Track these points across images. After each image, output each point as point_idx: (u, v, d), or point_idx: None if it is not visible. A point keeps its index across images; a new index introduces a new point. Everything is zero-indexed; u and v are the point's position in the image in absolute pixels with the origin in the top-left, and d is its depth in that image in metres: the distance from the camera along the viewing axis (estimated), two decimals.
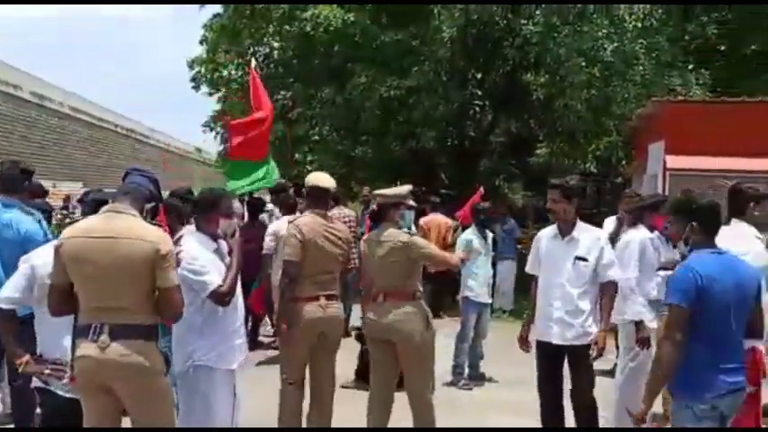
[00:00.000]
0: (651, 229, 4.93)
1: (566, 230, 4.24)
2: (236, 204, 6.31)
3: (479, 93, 12.89)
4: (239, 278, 3.66)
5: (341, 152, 13.59)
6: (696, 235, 3.14)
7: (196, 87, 17.39)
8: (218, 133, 17.20)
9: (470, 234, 6.56)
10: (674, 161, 8.19)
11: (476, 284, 6.49)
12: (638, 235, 4.74)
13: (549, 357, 4.24)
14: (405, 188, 4.60)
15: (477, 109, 13.22)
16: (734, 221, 4.00)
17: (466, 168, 13.64)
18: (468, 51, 12.32)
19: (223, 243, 3.74)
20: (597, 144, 14.24)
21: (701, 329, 2.96)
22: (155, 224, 3.45)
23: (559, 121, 12.72)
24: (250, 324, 7.25)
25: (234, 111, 15.78)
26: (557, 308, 4.17)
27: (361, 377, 5.67)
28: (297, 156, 12.92)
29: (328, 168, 12.86)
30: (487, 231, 6.80)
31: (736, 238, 3.87)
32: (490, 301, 6.78)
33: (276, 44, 14.21)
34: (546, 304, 4.25)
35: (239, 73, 15.58)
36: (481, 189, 7.67)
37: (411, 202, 4.72)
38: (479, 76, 13.28)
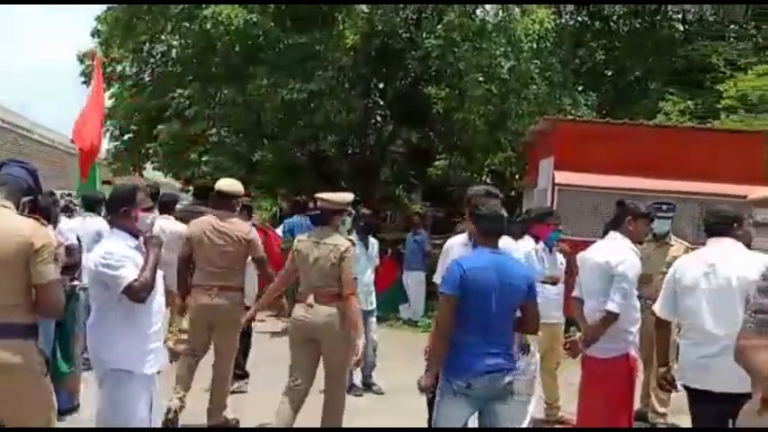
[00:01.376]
0: (536, 239, 5.15)
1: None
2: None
3: (381, 102, 13.04)
4: (161, 277, 3.51)
5: (239, 154, 13.34)
6: (477, 237, 3.60)
7: (86, 82, 16.60)
8: (107, 130, 16.47)
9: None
10: (562, 177, 8.55)
11: None
12: (524, 245, 4.91)
13: None
14: (348, 196, 4.90)
15: (379, 118, 13.37)
16: (611, 233, 4.23)
17: (366, 177, 13.73)
18: (372, 60, 12.43)
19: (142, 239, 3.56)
20: (493, 158, 14.74)
21: (465, 315, 3.36)
22: (33, 218, 3.23)
23: (458, 134, 13.05)
24: None
25: (128, 109, 15.22)
26: None
27: None
28: (192, 156, 12.55)
29: (226, 171, 12.60)
30: (370, 238, 6.82)
31: (609, 248, 4.13)
32: (371, 308, 6.61)
33: (175, 42, 13.81)
34: None
35: (134, 69, 15.03)
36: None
37: (350, 209, 5.10)
38: (382, 85, 13.43)
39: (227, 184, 5.14)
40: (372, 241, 6.88)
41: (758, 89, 11.47)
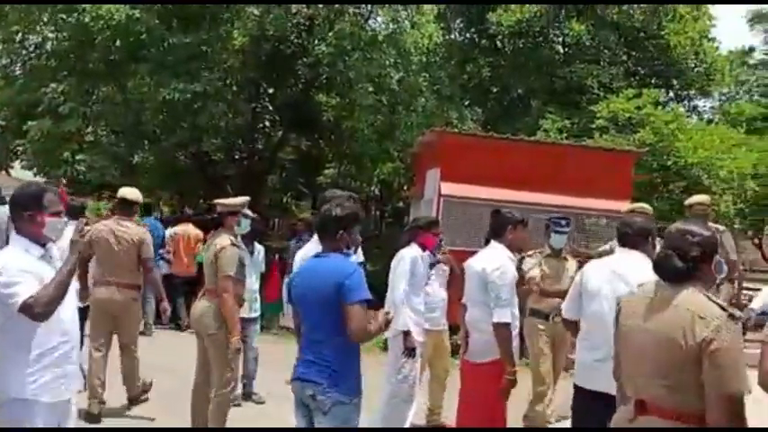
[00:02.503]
0: (423, 247, 5.18)
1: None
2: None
3: (270, 107, 12.83)
4: (72, 291, 3.12)
5: (117, 155, 12.67)
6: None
7: None
8: None
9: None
10: (448, 188, 8.70)
11: None
12: (411, 252, 4.94)
13: None
14: (242, 199, 5.18)
15: (268, 123, 13.14)
16: (491, 242, 4.33)
17: (253, 183, 13.45)
18: (261, 64, 12.21)
19: (54, 247, 3.14)
20: (382, 168, 14.87)
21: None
22: None
23: (347, 143, 13.06)
24: None
25: None
26: None
27: None
28: (65, 154, 11.77)
29: (102, 171, 11.92)
30: (256, 244, 6.66)
31: (486, 257, 4.25)
32: (254, 315, 6.47)
33: (50, 33, 12.95)
34: None
35: (5, 61, 13.97)
36: None
37: (248, 211, 5.27)
38: (271, 90, 13.22)
39: (130, 192, 5.82)
40: (258, 247, 6.72)
41: (628, 111, 12.24)
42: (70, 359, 3.07)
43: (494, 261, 4.17)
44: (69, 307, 3.05)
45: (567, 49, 15.34)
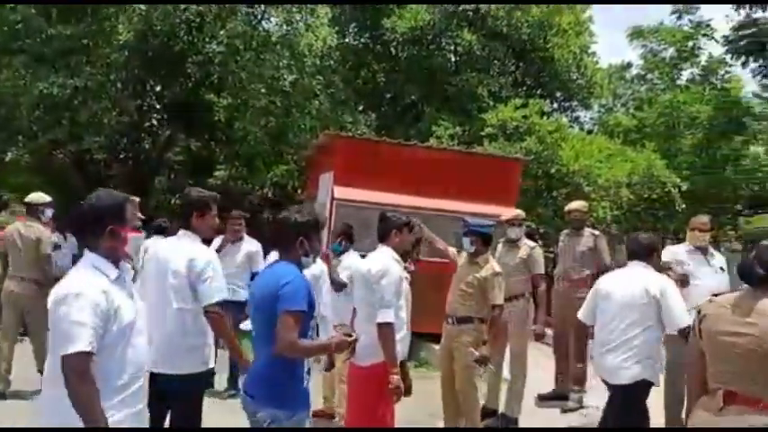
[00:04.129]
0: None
1: None
2: None
3: (157, 106, 12.33)
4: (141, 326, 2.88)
5: None
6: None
7: None
8: None
9: None
10: (341, 192, 8.67)
11: None
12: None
13: None
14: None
15: (155, 122, 12.63)
16: (379, 246, 4.36)
17: (139, 184, 12.88)
18: (148, 61, 11.71)
19: (128, 267, 2.80)
20: (275, 170, 14.65)
21: None
22: None
23: (239, 144, 12.77)
24: None
25: None
26: None
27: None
28: None
29: None
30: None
31: (373, 259, 4.27)
32: None
33: None
34: None
35: None
36: None
37: (137, 213, 5.63)
38: (159, 88, 12.73)
39: (36, 197, 6.38)
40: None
41: (515, 120, 12.70)
42: (141, 397, 2.74)
43: (378, 263, 4.18)
44: (142, 341, 2.73)
45: (458, 58, 15.72)
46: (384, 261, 4.20)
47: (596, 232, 7.02)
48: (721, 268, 5.73)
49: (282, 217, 3.28)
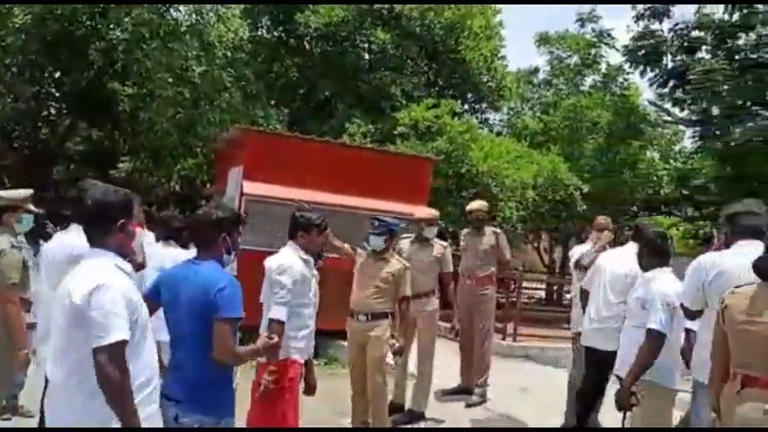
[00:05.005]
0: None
1: None
2: None
3: (56, 93, 11.72)
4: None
5: None
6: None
7: None
8: None
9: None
10: (250, 187, 8.53)
11: None
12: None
13: None
14: (23, 192, 4.61)
15: (53, 110, 12.00)
16: (289, 243, 4.34)
17: (36, 174, 12.20)
18: (47, 45, 11.09)
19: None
20: (183, 163, 14.23)
21: None
22: None
23: (145, 135, 12.32)
24: None
25: None
26: None
27: None
28: None
29: None
30: (42, 243, 6.09)
31: (279, 256, 4.25)
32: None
33: None
34: None
35: None
36: None
37: (31, 207, 4.66)
38: (58, 74, 12.09)
39: None
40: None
41: (427, 120, 12.87)
42: (156, 396, 2.71)
43: (279, 260, 4.17)
44: (152, 343, 2.69)
45: (372, 56, 15.76)
46: (286, 258, 4.19)
47: (497, 230, 7.24)
48: None
49: (203, 213, 3.17)
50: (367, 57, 15.86)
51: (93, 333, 2.41)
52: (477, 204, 7.25)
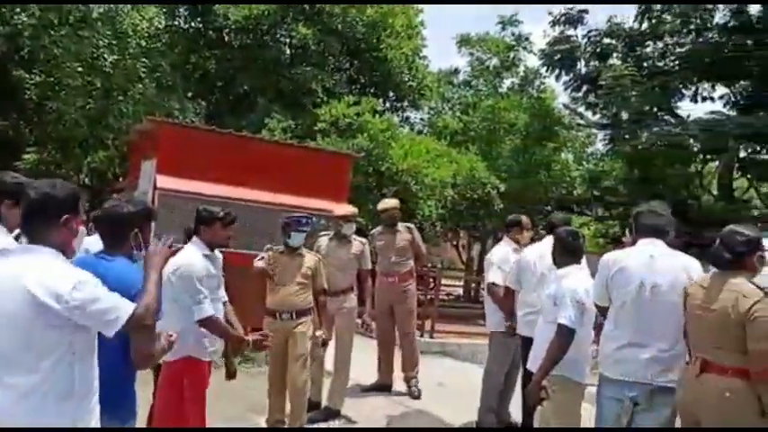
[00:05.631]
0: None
1: None
2: None
3: None
4: None
5: None
6: None
7: None
8: None
9: None
10: (164, 181, 8.25)
11: None
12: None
13: None
14: None
15: None
16: (193, 238, 4.27)
17: None
18: None
19: None
20: (93, 156, 13.66)
21: None
22: None
23: (53, 125, 11.74)
24: None
25: None
26: None
27: None
28: None
29: None
30: None
31: (184, 253, 4.19)
32: None
33: None
34: None
35: None
36: None
37: None
38: None
39: None
40: None
41: (348, 117, 12.84)
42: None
43: (176, 261, 4.04)
44: None
45: (293, 51, 15.60)
46: (184, 257, 4.12)
47: (410, 225, 7.33)
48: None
49: (112, 207, 2.99)
50: (288, 52, 15.68)
51: (108, 319, 2.36)
52: (391, 203, 7.32)
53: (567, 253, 4.33)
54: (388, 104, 17.01)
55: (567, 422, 4.12)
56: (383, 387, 7.02)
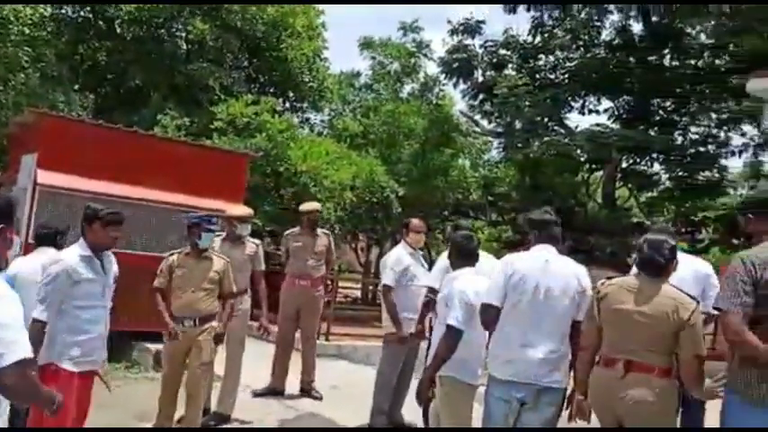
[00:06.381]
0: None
1: None
2: None
3: None
4: None
5: None
6: None
7: None
8: None
9: None
10: (45, 177, 7.77)
11: None
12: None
13: None
14: None
15: None
16: (80, 239, 4.01)
17: None
18: None
19: None
20: None
21: None
22: None
23: None
24: None
25: None
26: None
27: None
28: None
29: None
30: None
31: (66, 252, 4.00)
32: None
33: None
34: None
35: None
36: None
37: None
38: None
39: None
40: None
41: (246, 116, 12.58)
42: None
43: (57, 258, 3.89)
44: None
45: (190, 47, 15.12)
46: (61, 255, 3.92)
47: (327, 231, 7.36)
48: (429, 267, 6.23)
49: None
50: (184, 47, 15.18)
51: None
52: (314, 205, 7.37)
53: (461, 256, 4.43)
54: (287, 105, 16.81)
55: (456, 422, 4.19)
56: (275, 391, 6.92)
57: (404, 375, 5.93)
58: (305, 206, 7.31)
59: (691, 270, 4.57)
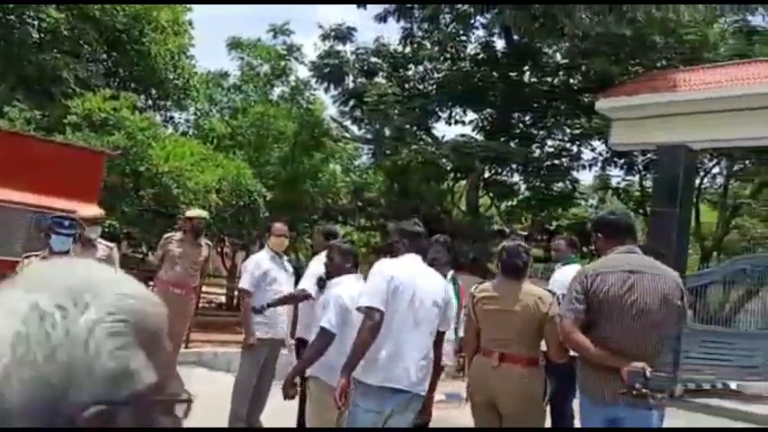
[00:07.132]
0: None
1: None
2: None
3: None
4: None
5: None
6: None
7: None
8: None
9: None
10: None
11: None
12: None
13: None
14: None
15: None
16: None
17: None
18: None
19: None
20: None
21: None
22: None
23: None
24: None
25: None
26: None
27: None
28: None
29: None
30: None
31: None
32: None
33: None
34: None
35: None
36: None
37: None
38: None
39: None
40: None
41: (104, 111, 11.86)
42: None
43: None
44: None
45: (42, 35, 14.07)
46: None
47: (209, 243, 7.17)
48: (293, 272, 6.14)
49: None
50: (36, 35, 14.10)
51: None
52: (202, 213, 7.16)
53: (343, 262, 4.45)
54: (150, 102, 16.05)
55: (319, 423, 4.23)
56: None
57: (263, 381, 5.82)
58: (191, 212, 7.12)
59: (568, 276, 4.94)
